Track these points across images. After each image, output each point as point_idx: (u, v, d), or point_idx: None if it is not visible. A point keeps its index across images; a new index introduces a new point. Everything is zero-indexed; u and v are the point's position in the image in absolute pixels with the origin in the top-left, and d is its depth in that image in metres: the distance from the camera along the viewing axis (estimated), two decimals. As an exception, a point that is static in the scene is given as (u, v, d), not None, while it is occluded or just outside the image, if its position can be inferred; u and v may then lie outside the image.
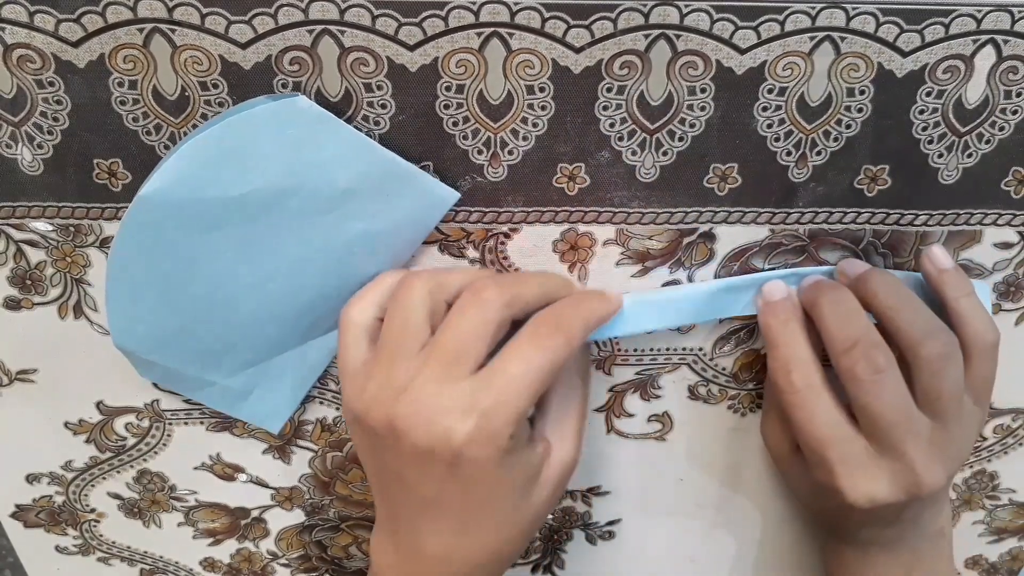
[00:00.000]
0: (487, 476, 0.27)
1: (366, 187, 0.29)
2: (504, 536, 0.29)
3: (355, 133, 0.28)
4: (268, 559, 0.43)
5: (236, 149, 0.28)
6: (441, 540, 0.29)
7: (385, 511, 0.31)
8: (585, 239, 0.32)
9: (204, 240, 0.29)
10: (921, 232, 0.33)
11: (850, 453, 0.30)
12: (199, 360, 0.33)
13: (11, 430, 0.37)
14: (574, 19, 0.27)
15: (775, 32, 0.28)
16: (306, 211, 0.29)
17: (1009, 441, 0.39)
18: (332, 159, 0.29)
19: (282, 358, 0.34)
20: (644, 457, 0.39)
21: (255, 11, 0.27)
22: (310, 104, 0.28)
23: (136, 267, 0.29)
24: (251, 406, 0.35)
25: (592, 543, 0.42)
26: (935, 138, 0.30)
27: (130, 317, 0.31)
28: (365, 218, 0.30)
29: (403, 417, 0.27)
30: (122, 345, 0.31)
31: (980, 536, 0.43)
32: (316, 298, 0.32)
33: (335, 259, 0.31)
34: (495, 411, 0.26)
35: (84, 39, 0.27)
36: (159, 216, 0.28)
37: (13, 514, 0.40)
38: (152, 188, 0.27)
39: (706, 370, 0.36)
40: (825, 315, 0.31)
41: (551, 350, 0.27)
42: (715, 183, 0.31)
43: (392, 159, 0.29)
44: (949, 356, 0.30)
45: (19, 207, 0.31)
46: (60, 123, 0.29)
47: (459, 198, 0.31)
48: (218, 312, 0.31)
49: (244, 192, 0.28)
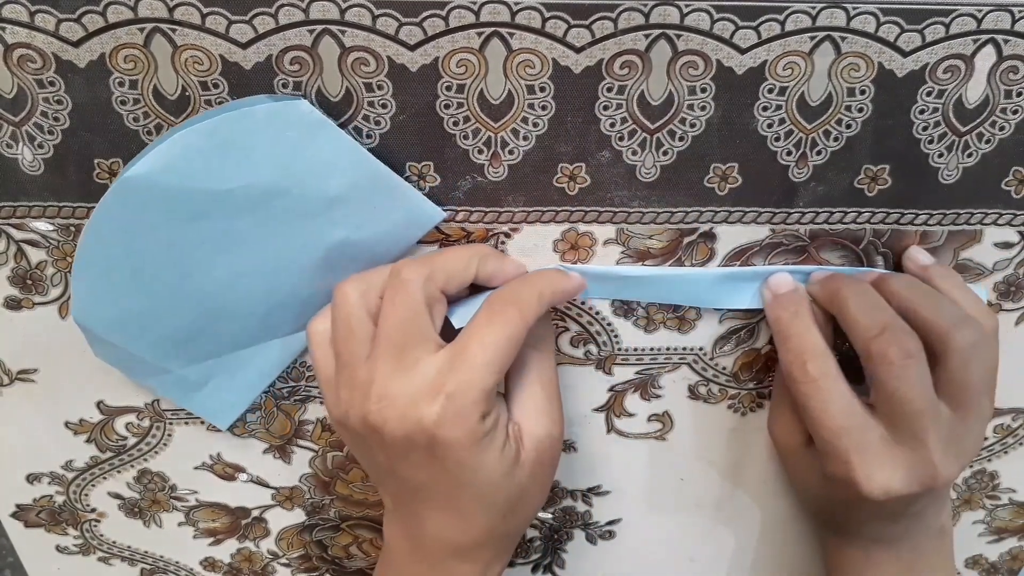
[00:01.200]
0: (466, 457, 0.28)
1: (355, 196, 0.30)
2: (495, 516, 0.30)
3: (352, 142, 0.29)
4: (268, 559, 0.43)
5: (230, 144, 0.28)
6: (438, 522, 0.30)
7: (389, 500, 0.32)
8: (585, 239, 0.32)
9: (184, 229, 0.29)
10: (922, 232, 0.33)
11: (867, 442, 0.30)
12: (158, 346, 0.32)
13: (12, 430, 0.37)
14: (574, 19, 0.27)
15: (775, 32, 0.28)
16: (292, 213, 0.29)
17: (1009, 441, 0.40)
18: (326, 165, 0.29)
19: (242, 353, 0.34)
20: (644, 457, 0.39)
21: (256, 11, 0.27)
22: (311, 109, 0.28)
23: (110, 246, 0.29)
24: (203, 398, 0.35)
25: (592, 543, 0.42)
26: (935, 138, 0.30)
27: (94, 293, 0.30)
28: (349, 227, 0.30)
29: (375, 413, 0.28)
30: (81, 320, 0.31)
31: (980, 536, 0.43)
32: (288, 299, 0.32)
33: (312, 263, 0.31)
34: (460, 391, 0.27)
35: (85, 39, 0.27)
36: (142, 198, 0.28)
37: (13, 514, 0.40)
38: (138, 171, 0.27)
39: (706, 370, 0.36)
40: (850, 304, 0.31)
41: (505, 324, 0.28)
42: (715, 183, 0.31)
43: (386, 173, 0.29)
44: (978, 344, 0.30)
45: (20, 207, 0.31)
46: (61, 123, 0.29)
47: (444, 217, 0.31)
48: (186, 301, 0.31)
49: (233, 187, 0.28)
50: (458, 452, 0.27)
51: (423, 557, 0.31)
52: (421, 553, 0.31)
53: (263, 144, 0.28)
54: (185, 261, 0.30)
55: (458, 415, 0.27)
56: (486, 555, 0.31)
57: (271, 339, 0.34)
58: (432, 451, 0.28)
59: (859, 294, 0.31)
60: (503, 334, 0.28)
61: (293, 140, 0.28)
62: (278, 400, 0.36)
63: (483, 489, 0.29)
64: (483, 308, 0.29)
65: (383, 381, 0.28)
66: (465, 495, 0.29)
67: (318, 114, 0.28)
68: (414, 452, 0.28)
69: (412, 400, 0.27)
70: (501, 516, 0.30)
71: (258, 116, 0.27)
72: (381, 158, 0.30)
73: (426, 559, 0.31)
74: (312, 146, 0.28)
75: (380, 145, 0.30)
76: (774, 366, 0.36)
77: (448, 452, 0.27)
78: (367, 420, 0.28)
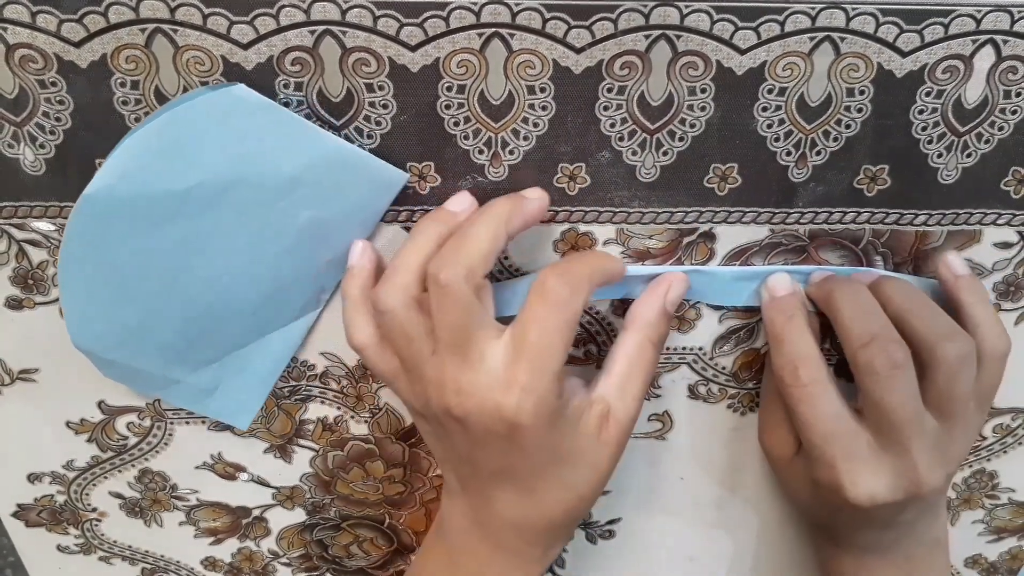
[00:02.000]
0: (546, 440, 0.28)
1: (312, 174, 0.29)
2: (573, 495, 0.30)
3: (297, 119, 0.28)
4: (269, 558, 0.43)
5: (178, 142, 0.27)
6: (512, 505, 0.30)
7: (455, 482, 0.32)
8: (585, 239, 0.32)
9: (155, 235, 0.29)
10: (921, 232, 0.33)
11: (854, 448, 0.31)
12: (161, 357, 0.32)
13: (13, 429, 0.37)
14: (575, 20, 0.27)
15: (775, 32, 0.28)
16: (254, 201, 0.29)
17: (1009, 440, 0.40)
18: (275, 147, 0.28)
19: (245, 351, 0.34)
20: (644, 456, 0.39)
21: (257, 11, 0.27)
22: (249, 92, 0.27)
23: (88, 265, 0.29)
24: (218, 402, 0.35)
25: (592, 542, 0.42)
26: (935, 138, 0.30)
27: (86, 316, 0.30)
28: (314, 205, 0.30)
29: (456, 406, 0.28)
30: (80, 344, 0.31)
31: (979, 535, 0.43)
32: (273, 289, 0.32)
33: (287, 248, 0.31)
34: (532, 379, 0.27)
35: (86, 39, 0.27)
36: (106, 213, 0.28)
37: (15, 513, 0.40)
38: (96, 186, 0.27)
39: (706, 369, 0.36)
40: (842, 310, 0.31)
41: (561, 306, 0.28)
42: (715, 183, 0.31)
43: (336, 143, 0.29)
44: (966, 359, 0.30)
45: (21, 207, 0.31)
46: (62, 123, 0.29)
47: (408, 178, 0.30)
48: (175, 308, 0.31)
49: (190, 185, 0.28)
50: (538, 436, 0.28)
51: (487, 536, 0.31)
52: (485, 532, 0.31)
53: (209, 136, 0.28)
54: (163, 268, 0.30)
55: (536, 402, 0.27)
56: (550, 537, 0.32)
57: (269, 333, 0.34)
58: (512, 439, 0.28)
59: (852, 300, 0.31)
60: (561, 317, 0.28)
61: (237, 127, 0.28)
62: (279, 399, 0.36)
63: (562, 470, 0.30)
64: (535, 290, 0.28)
65: (455, 376, 0.28)
66: (544, 476, 0.30)
67: (257, 96, 0.27)
68: (496, 440, 0.28)
69: (487, 391, 0.28)
70: (577, 497, 0.31)
71: (198, 109, 0.27)
72: (383, 158, 0.30)
73: (490, 538, 0.31)
74: (259, 130, 0.28)
75: (381, 145, 0.30)
76: (774, 366, 0.36)
77: (529, 438, 0.28)
78: (450, 412, 0.28)
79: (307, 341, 0.35)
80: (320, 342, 0.35)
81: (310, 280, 0.31)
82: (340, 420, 0.37)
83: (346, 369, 0.36)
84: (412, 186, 0.31)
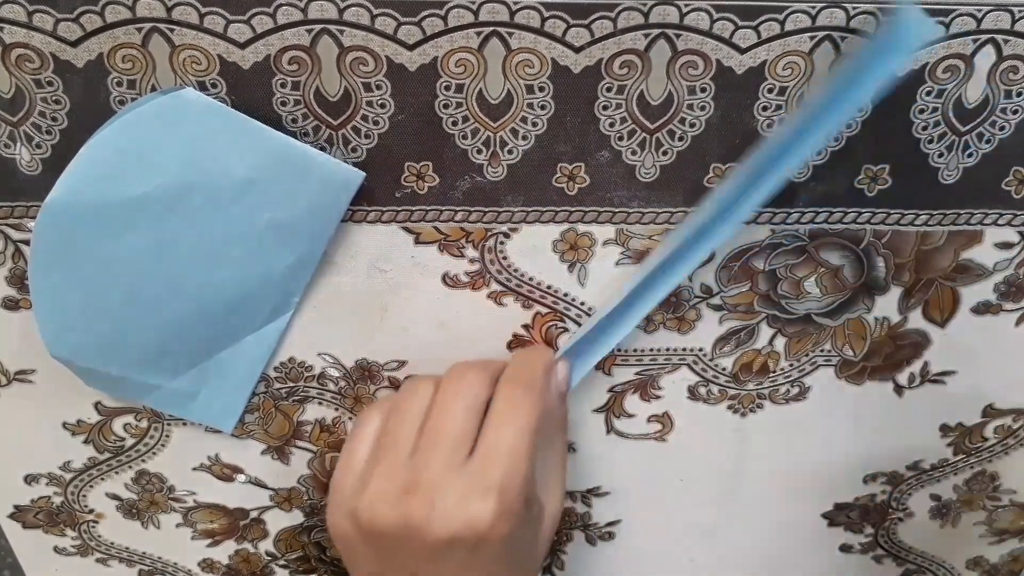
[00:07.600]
0: (505, 549, 0.28)
1: (265, 175, 0.29)
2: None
3: (246, 120, 0.28)
4: (267, 560, 0.43)
5: (131, 148, 0.27)
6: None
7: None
8: (585, 239, 0.32)
9: (117, 243, 0.29)
10: (921, 232, 0.33)
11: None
12: (138, 364, 0.32)
13: (9, 430, 0.37)
14: (574, 18, 0.27)
15: (775, 32, 0.28)
16: (211, 205, 0.29)
17: (1010, 442, 0.39)
18: (226, 149, 0.28)
19: (222, 356, 0.34)
20: (644, 457, 0.39)
21: (254, 10, 0.27)
22: (198, 95, 0.27)
23: (55, 275, 0.29)
24: (200, 406, 0.35)
25: (592, 544, 0.42)
26: (935, 138, 0.30)
27: (60, 326, 0.30)
28: (270, 207, 0.30)
29: (418, 511, 0.27)
30: (58, 355, 0.31)
31: (981, 537, 0.43)
32: (240, 294, 0.32)
33: (249, 252, 0.31)
34: (508, 484, 0.27)
35: (83, 38, 0.27)
36: (67, 222, 0.28)
37: (11, 515, 0.40)
38: (54, 196, 0.27)
39: (706, 370, 0.36)
40: None
41: (530, 408, 0.28)
42: (715, 183, 0.31)
43: (286, 143, 0.29)
44: None
45: (17, 207, 0.31)
46: (59, 123, 0.29)
47: (364, 177, 0.30)
48: (145, 314, 0.31)
49: (146, 191, 0.28)
50: (500, 547, 0.27)
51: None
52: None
53: (161, 141, 0.27)
54: (128, 275, 0.30)
55: (509, 508, 0.27)
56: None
57: (243, 337, 0.33)
58: (476, 551, 0.27)
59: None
60: (531, 419, 0.28)
61: (190, 131, 0.27)
62: (277, 401, 0.36)
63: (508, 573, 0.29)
64: (500, 397, 0.29)
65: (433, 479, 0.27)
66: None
67: (205, 99, 0.27)
68: (454, 553, 0.27)
69: (463, 498, 0.27)
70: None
71: (147, 114, 0.27)
72: (380, 158, 0.30)
73: None
74: (208, 133, 0.28)
75: (379, 145, 0.30)
76: (774, 367, 0.36)
77: (492, 549, 0.27)
78: (407, 519, 0.27)
79: (306, 342, 0.35)
80: (320, 343, 0.35)
81: (276, 283, 0.31)
82: (338, 421, 0.37)
83: (344, 370, 0.36)
84: (411, 186, 0.31)
